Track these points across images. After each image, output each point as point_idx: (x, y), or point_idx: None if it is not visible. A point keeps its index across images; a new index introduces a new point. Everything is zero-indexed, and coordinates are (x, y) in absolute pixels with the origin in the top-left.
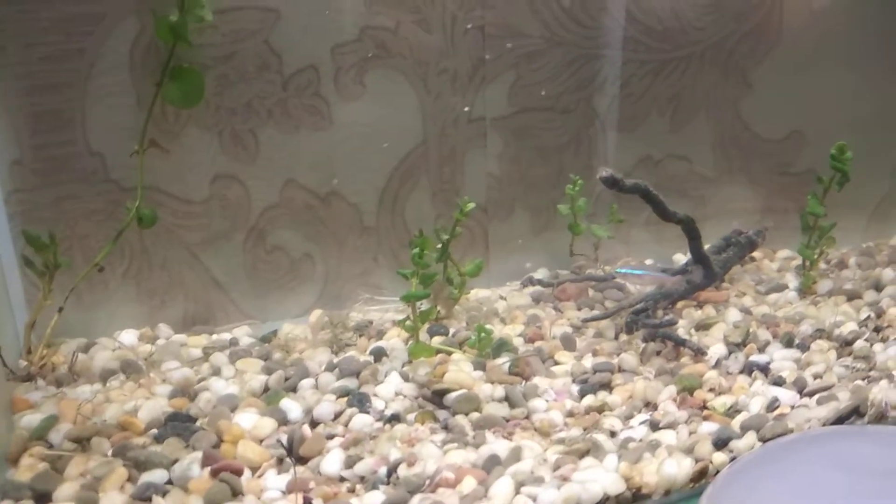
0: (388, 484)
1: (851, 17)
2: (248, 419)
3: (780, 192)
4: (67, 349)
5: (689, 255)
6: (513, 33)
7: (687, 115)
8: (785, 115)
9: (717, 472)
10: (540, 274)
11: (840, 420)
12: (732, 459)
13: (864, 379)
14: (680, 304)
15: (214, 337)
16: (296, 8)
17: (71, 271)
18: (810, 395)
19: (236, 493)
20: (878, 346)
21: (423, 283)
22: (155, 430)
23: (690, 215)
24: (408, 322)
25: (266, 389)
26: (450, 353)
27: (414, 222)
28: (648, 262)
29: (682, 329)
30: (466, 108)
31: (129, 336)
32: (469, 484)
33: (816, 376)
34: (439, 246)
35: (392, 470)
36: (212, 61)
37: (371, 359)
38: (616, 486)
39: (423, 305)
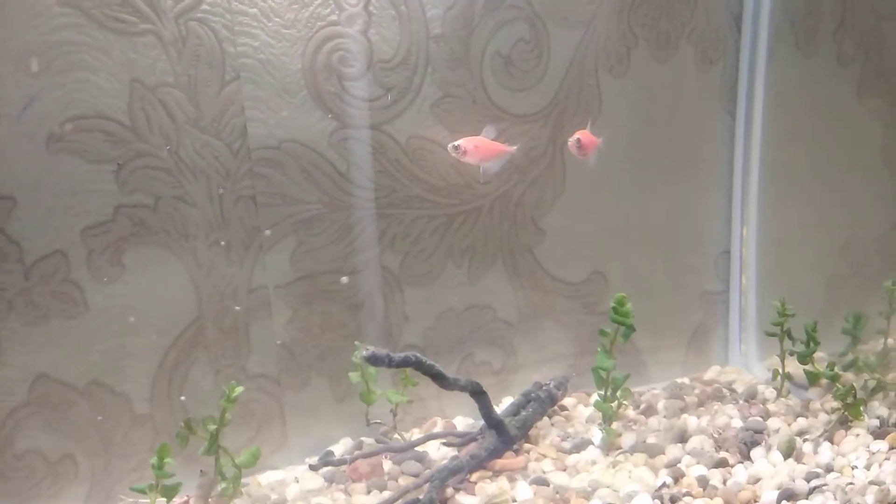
0: None
1: (638, 152)
2: None
3: (591, 333)
4: None
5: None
6: (288, 200)
7: (484, 264)
8: (583, 257)
9: None
10: (343, 445)
11: None
12: None
13: None
14: (475, 476)
15: None
16: (35, 193)
17: None
18: None
19: None
20: None
21: (165, 497)
22: None
23: (475, 379)
24: None
25: None
26: None
27: (196, 405)
28: (458, 420)
29: None
30: (233, 277)
31: None
32: None
33: None
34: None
35: None
36: None
37: None
38: None
39: None
